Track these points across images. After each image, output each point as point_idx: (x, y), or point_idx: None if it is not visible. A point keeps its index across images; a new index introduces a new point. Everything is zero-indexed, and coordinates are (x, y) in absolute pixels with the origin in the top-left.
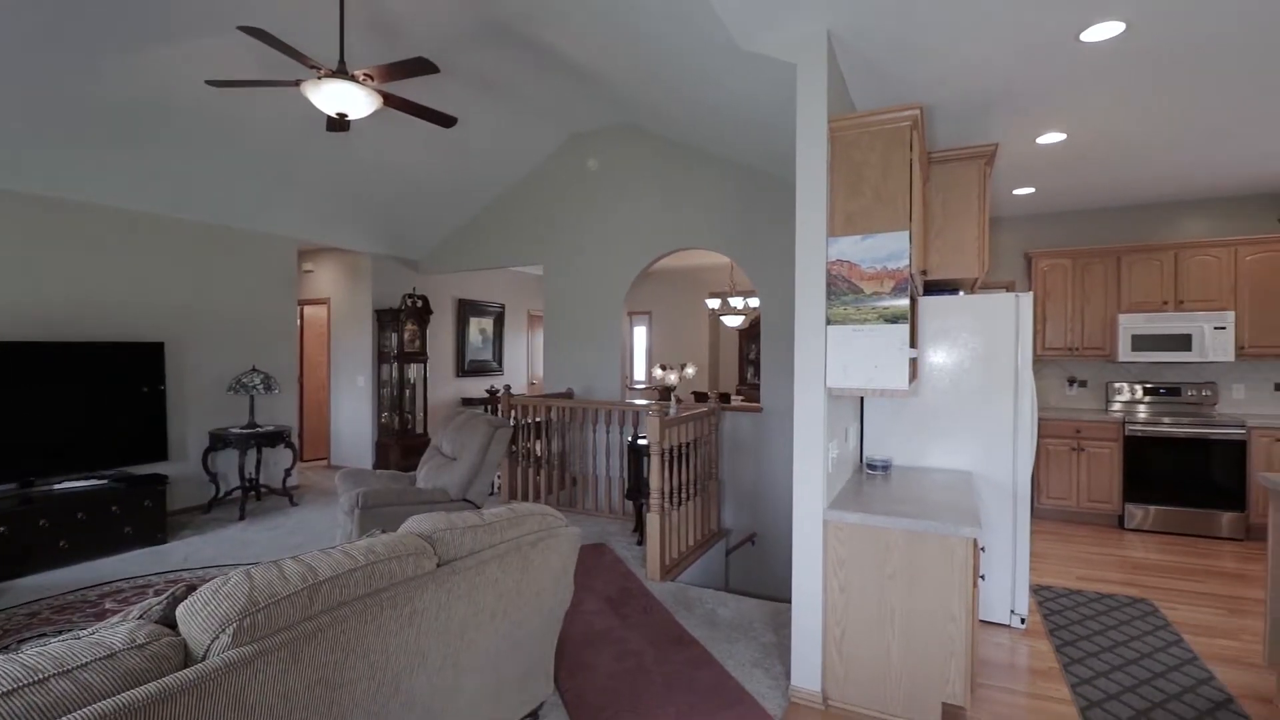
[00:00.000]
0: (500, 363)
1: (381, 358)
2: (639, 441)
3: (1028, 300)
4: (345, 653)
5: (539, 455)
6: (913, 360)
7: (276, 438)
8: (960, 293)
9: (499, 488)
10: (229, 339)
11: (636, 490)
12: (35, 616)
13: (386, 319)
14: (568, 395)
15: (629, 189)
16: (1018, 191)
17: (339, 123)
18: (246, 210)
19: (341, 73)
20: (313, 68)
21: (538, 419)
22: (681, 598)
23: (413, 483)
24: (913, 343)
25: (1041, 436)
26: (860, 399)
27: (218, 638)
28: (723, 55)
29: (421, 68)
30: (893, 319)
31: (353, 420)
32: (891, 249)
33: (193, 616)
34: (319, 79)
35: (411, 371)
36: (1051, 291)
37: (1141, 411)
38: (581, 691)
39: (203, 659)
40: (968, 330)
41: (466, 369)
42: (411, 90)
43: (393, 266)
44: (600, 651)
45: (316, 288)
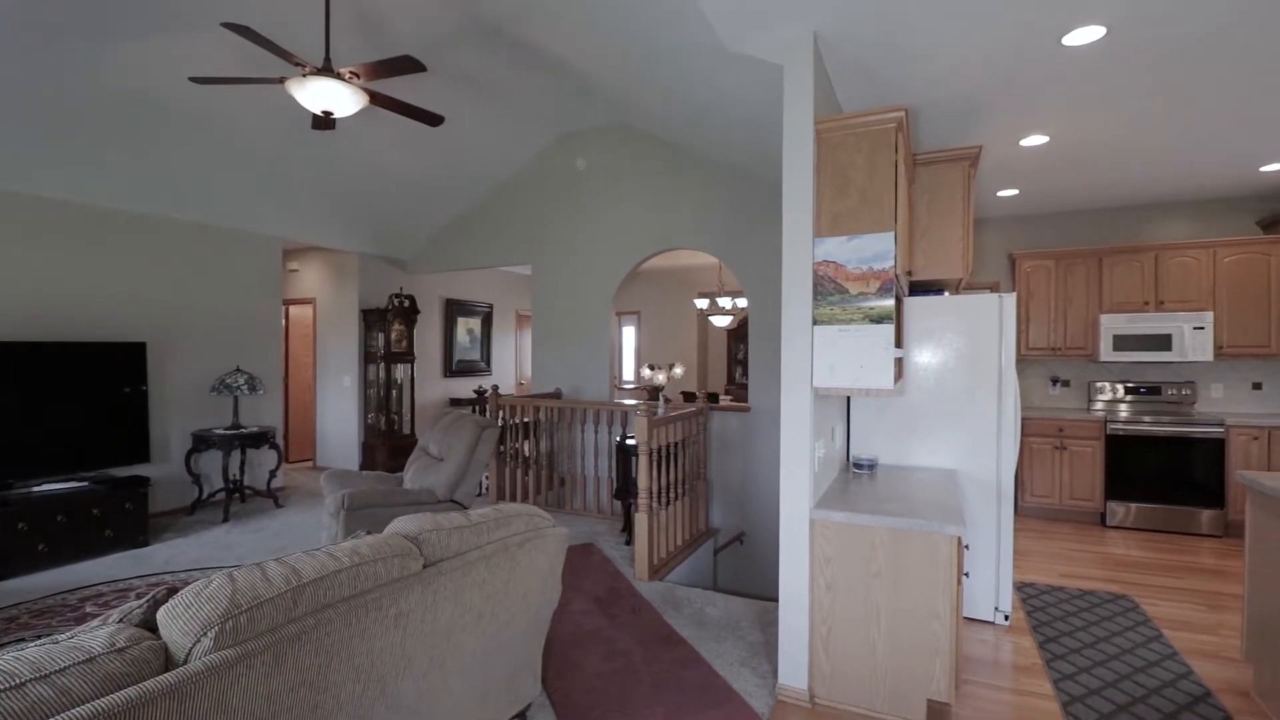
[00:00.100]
0: (488, 363)
1: (368, 358)
2: (627, 441)
3: (1011, 300)
4: (330, 656)
5: (527, 455)
6: (898, 360)
7: (261, 439)
8: (945, 293)
9: (487, 488)
10: (213, 339)
11: (625, 490)
12: (13, 621)
13: (373, 319)
14: (556, 395)
15: (618, 189)
16: (1002, 193)
17: (325, 121)
18: (230, 209)
19: (327, 70)
20: (298, 65)
21: (526, 419)
22: (670, 597)
23: (399, 484)
24: (898, 342)
25: (1025, 435)
26: (847, 399)
27: (199, 641)
28: (711, 56)
29: (408, 66)
30: (878, 319)
31: (339, 421)
32: (877, 250)
33: (174, 619)
34: (304, 76)
35: (398, 372)
36: (1035, 292)
37: (1123, 410)
38: (569, 692)
39: (184, 663)
40: (952, 330)
41: (454, 369)
42: (398, 89)
43: (379, 266)
44: (588, 651)
45: (302, 287)
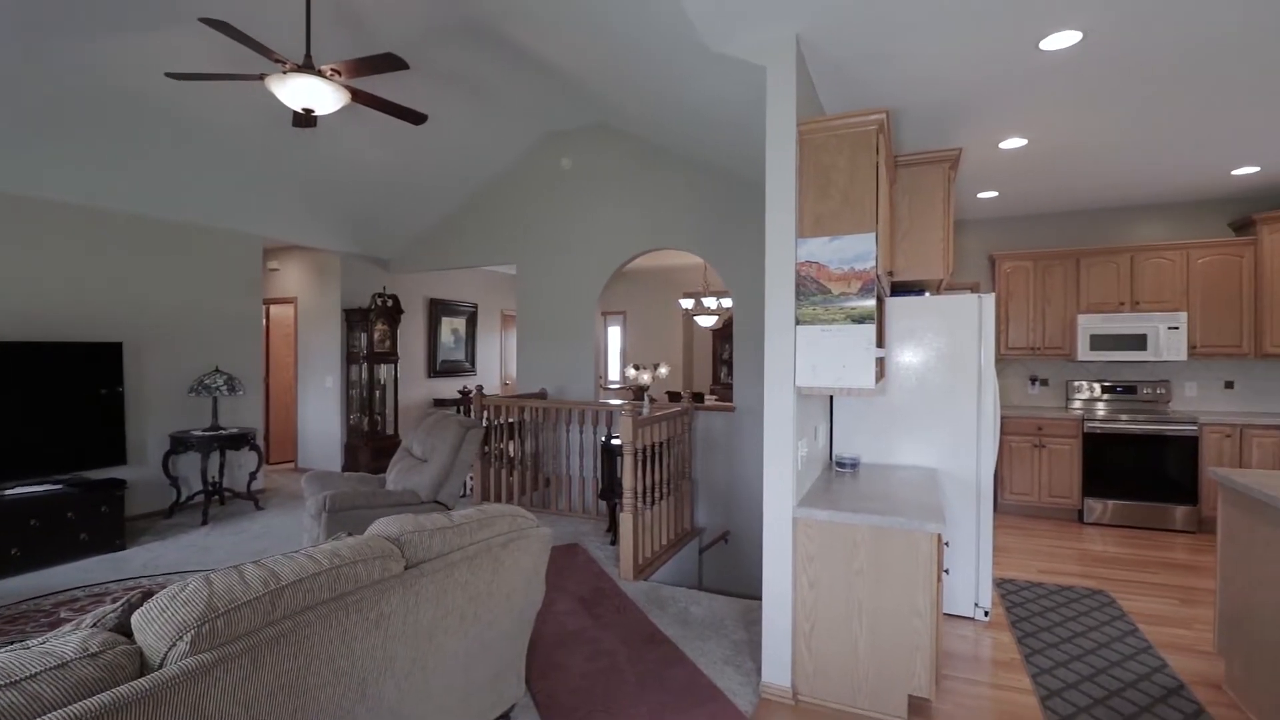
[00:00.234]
0: (473, 363)
1: (351, 358)
2: (612, 441)
3: (990, 301)
4: (309, 658)
5: (512, 456)
6: (880, 360)
7: (241, 440)
8: (926, 293)
9: (471, 489)
10: (191, 339)
11: (610, 490)
12: None
13: (356, 319)
14: (541, 395)
15: (603, 189)
16: (982, 195)
17: (305, 118)
18: (209, 206)
19: (308, 67)
20: (278, 61)
21: (511, 419)
22: (654, 597)
23: (382, 485)
24: (880, 342)
25: (1004, 434)
26: (829, 398)
27: (175, 645)
28: (695, 57)
29: (390, 64)
30: (860, 319)
31: (321, 422)
32: (859, 250)
33: (149, 623)
34: (284, 73)
35: (382, 372)
36: (1014, 293)
37: (1100, 409)
38: (553, 692)
39: (159, 667)
40: (933, 330)
41: (438, 369)
42: (381, 86)
43: (362, 265)
44: (573, 652)
45: (283, 286)
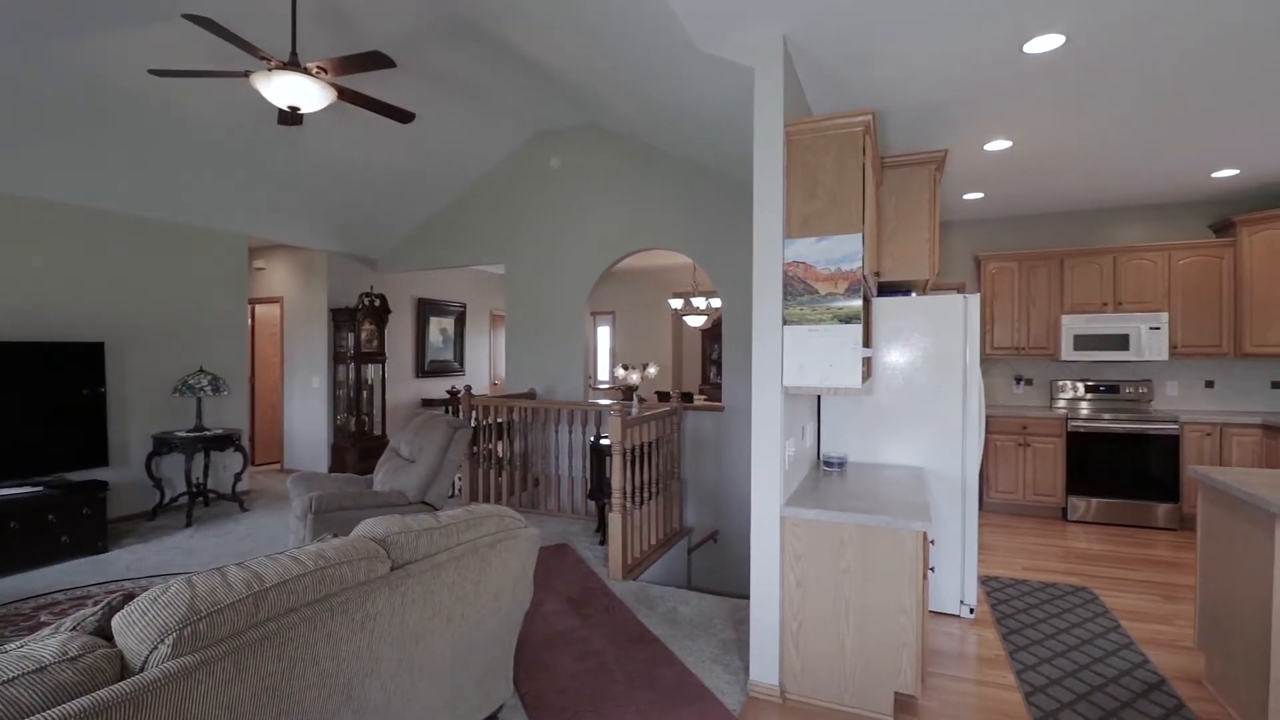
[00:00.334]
0: (462, 363)
1: (338, 358)
2: (601, 441)
3: (975, 301)
4: (293, 661)
5: (501, 456)
6: (867, 359)
7: (225, 441)
8: (913, 294)
9: (459, 490)
10: (174, 339)
11: (599, 490)
12: None
13: (343, 318)
14: (530, 396)
15: (592, 188)
16: (968, 196)
17: (291, 116)
18: (193, 205)
19: (293, 65)
20: (263, 59)
21: (499, 420)
22: (643, 596)
23: (369, 486)
24: (867, 342)
25: (990, 433)
26: (817, 397)
27: (156, 648)
28: (684, 57)
29: (377, 62)
30: (847, 319)
31: (307, 422)
32: (845, 251)
33: (130, 627)
34: (269, 71)
35: (369, 372)
36: (999, 293)
37: (1083, 408)
38: (541, 693)
39: (140, 671)
40: (919, 330)
41: (427, 369)
42: (368, 85)
43: (349, 264)
44: (561, 652)
45: (268, 286)
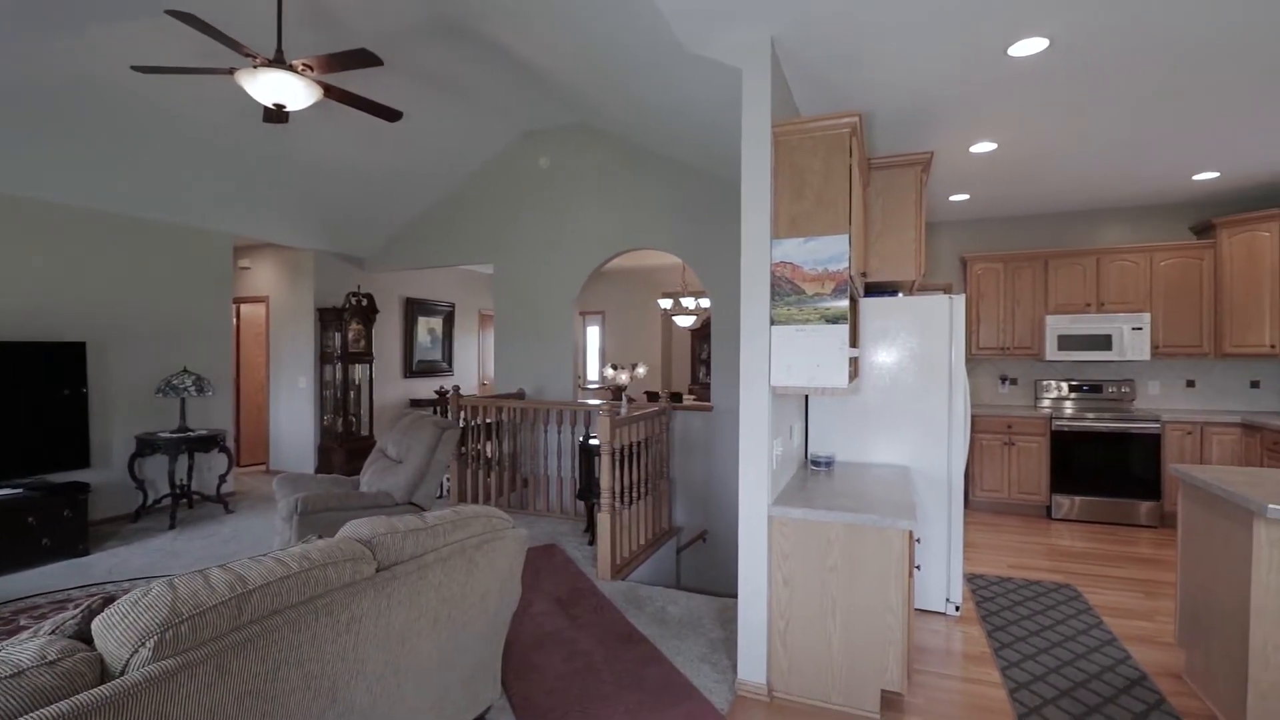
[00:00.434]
0: (450, 363)
1: (324, 358)
2: (591, 441)
3: (960, 302)
4: (277, 663)
5: (489, 457)
6: (854, 359)
7: (210, 442)
8: (899, 294)
9: (448, 490)
10: (158, 339)
11: (588, 490)
12: None
13: (329, 318)
14: (519, 396)
15: (581, 188)
16: (954, 198)
17: (277, 114)
18: (177, 203)
19: (279, 62)
20: (248, 56)
21: (488, 420)
22: (632, 596)
23: (356, 487)
24: (854, 342)
25: (975, 432)
26: (805, 397)
27: (137, 651)
28: (673, 57)
29: (363, 60)
30: (833, 319)
31: (294, 423)
32: (833, 251)
33: (110, 630)
34: (255, 68)
35: (356, 372)
36: (985, 294)
37: (1067, 407)
38: (529, 693)
39: (120, 674)
40: (906, 330)
41: (415, 369)
42: (355, 83)
43: (336, 264)
44: (549, 653)
45: (254, 285)
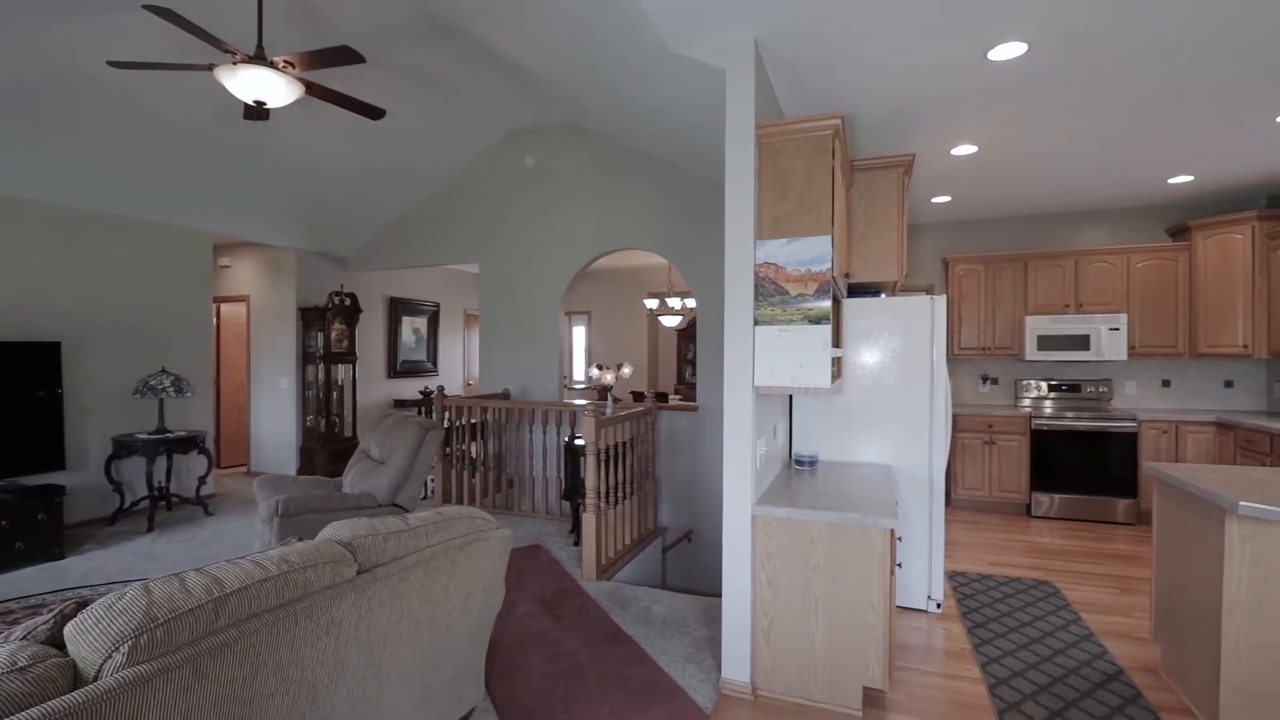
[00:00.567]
0: (435, 363)
1: (307, 358)
2: (576, 442)
3: (941, 302)
4: (256, 668)
5: (474, 457)
6: (837, 359)
7: (189, 443)
8: (882, 295)
9: (432, 492)
10: (135, 339)
11: (573, 490)
12: None
13: (312, 318)
14: (504, 396)
15: (567, 188)
16: (936, 199)
17: (257, 111)
18: (155, 201)
19: (259, 59)
20: (228, 52)
21: (473, 420)
22: (617, 596)
23: (338, 488)
24: (837, 342)
25: (957, 431)
26: (789, 397)
27: (111, 657)
28: (657, 58)
29: (346, 57)
30: (816, 320)
31: (275, 424)
32: (815, 252)
33: (83, 635)
34: (235, 64)
35: (339, 372)
36: (966, 295)
37: (1047, 407)
38: (513, 695)
39: (94, 680)
40: (888, 331)
41: (399, 370)
42: (338, 80)
43: (319, 263)
44: (533, 653)
45: (235, 284)
